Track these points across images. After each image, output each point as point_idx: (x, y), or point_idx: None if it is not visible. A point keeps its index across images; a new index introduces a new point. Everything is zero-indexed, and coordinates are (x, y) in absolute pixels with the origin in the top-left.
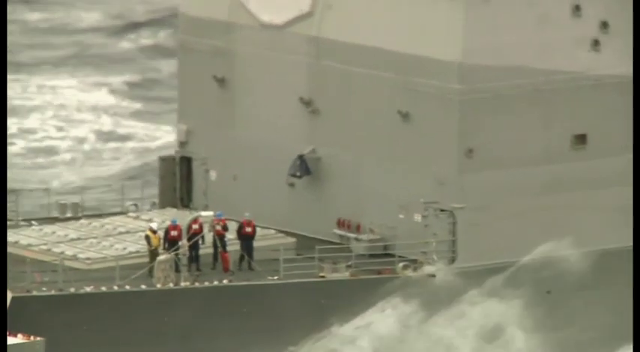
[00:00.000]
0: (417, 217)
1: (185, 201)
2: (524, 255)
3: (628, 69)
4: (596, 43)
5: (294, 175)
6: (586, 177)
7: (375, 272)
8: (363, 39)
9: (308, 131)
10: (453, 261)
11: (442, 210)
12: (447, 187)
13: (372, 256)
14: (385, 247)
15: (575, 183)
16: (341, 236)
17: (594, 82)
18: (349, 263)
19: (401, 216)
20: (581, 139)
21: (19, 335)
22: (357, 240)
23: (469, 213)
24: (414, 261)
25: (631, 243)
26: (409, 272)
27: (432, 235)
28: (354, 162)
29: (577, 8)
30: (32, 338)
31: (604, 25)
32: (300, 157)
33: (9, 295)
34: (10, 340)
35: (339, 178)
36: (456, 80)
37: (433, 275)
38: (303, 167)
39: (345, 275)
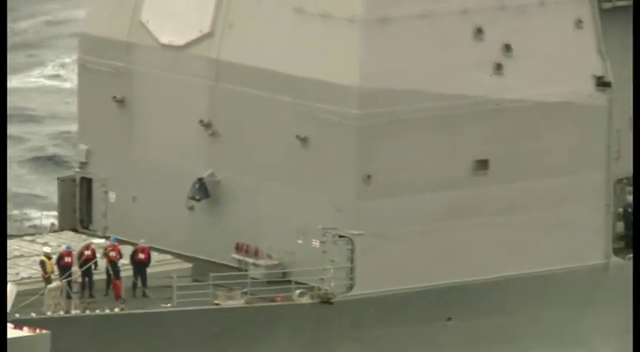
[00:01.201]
0: (316, 243)
1: (85, 222)
2: (425, 282)
3: (531, 92)
4: (498, 67)
5: (193, 198)
6: (488, 203)
7: (270, 299)
8: (262, 62)
9: (207, 154)
10: (350, 287)
11: (340, 236)
12: (345, 213)
13: (269, 282)
14: (284, 274)
15: (477, 210)
16: (239, 260)
17: (497, 106)
18: (245, 290)
19: (299, 241)
20: (482, 165)
21: (25, 328)
22: (254, 265)
23: (367, 240)
24: (312, 288)
25: (532, 270)
26: (306, 300)
27: (329, 261)
28: (253, 186)
29: (479, 31)
30: (38, 331)
31: (507, 48)
32: (200, 180)
33: (14, 289)
34: (16, 333)
35: (238, 202)
36: (353, 105)
37: (331, 303)
38: (202, 190)
39: (240, 302)
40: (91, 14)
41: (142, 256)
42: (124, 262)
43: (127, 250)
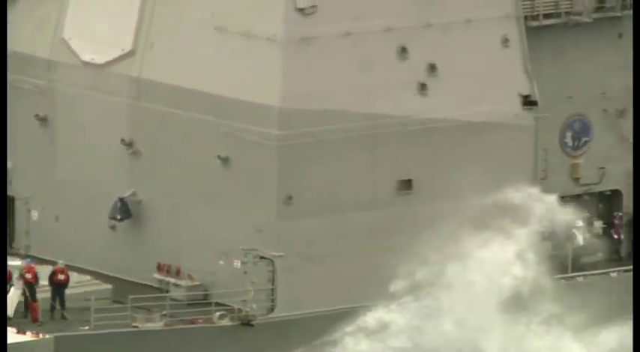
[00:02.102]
0: (237, 264)
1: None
2: (347, 303)
3: (456, 112)
4: (423, 87)
5: (114, 218)
6: (412, 223)
7: (190, 321)
8: (184, 81)
9: (129, 173)
10: (272, 309)
11: (261, 258)
12: (266, 234)
13: (190, 304)
14: (205, 295)
15: (401, 230)
16: (160, 281)
17: (421, 126)
18: (164, 312)
19: (221, 262)
20: (406, 185)
21: (28, 333)
22: (175, 285)
23: (288, 261)
24: (232, 310)
25: None
26: (226, 322)
27: (250, 283)
28: (174, 205)
29: (403, 50)
30: (41, 335)
31: (432, 68)
32: (121, 200)
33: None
34: (19, 338)
35: (159, 222)
36: (274, 125)
37: (251, 325)
38: (124, 210)
39: (159, 324)
40: (14, 31)
41: (61, 277)
42: (43, 283)
43: (48, 270)
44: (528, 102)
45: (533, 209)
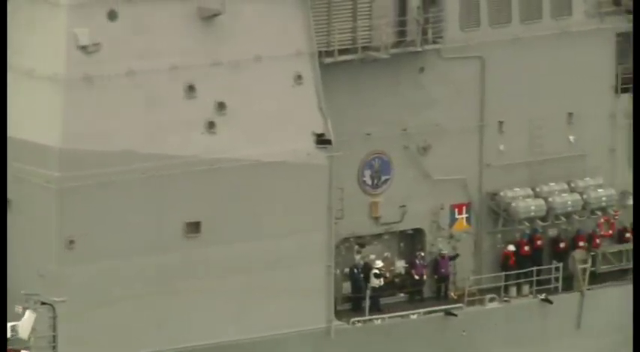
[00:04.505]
0: (18, 309)
1: None
2: (134, 350)
3: (247, 152)
4: (211, 125)
5: None
6: (201, 266)
7: None
8: None
9: None
10: None
11: (43, 303)
12: (48, 279)
13: None
14: None
15: (190, 273)
16: None
17: (209, 166)
18: None
19: None
20: (194, 227)
21: None
22: None
23: (70, 307)
24: None
25: (250, 336)
26: None
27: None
28: None
29: (191, 89)
30: None
31: (220, 106)
32: None
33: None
34: None
35: None
36: (55, 167)
37: None
38: None
39: None
40: None
41: None
42: None
43: None
44: (322, 140)
45: None
